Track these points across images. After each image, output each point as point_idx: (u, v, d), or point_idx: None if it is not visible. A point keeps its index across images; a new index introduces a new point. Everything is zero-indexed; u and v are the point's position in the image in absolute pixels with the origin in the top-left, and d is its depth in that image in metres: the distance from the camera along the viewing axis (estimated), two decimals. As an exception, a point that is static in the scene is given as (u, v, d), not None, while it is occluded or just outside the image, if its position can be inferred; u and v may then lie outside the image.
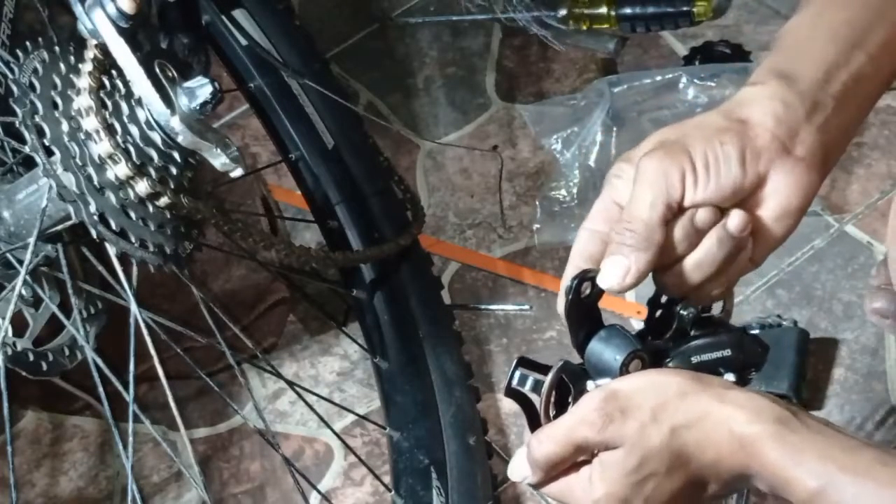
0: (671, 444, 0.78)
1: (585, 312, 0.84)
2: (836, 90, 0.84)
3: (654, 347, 0.83)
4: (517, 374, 0.84)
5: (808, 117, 0.83)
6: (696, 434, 0.78)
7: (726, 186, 0.82)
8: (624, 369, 0.81)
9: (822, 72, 0.84)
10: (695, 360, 0.84)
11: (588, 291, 0.83)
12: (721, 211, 0.82)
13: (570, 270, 0.84)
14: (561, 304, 0.83)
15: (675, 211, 0.81)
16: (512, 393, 0.84)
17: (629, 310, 1.49)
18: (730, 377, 0.83)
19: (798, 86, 0.84)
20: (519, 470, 0.83)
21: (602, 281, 0.82)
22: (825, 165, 0.84)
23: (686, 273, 0.83)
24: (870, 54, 0.85)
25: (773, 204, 0.83)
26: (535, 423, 0.83)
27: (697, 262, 0.83)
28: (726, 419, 0.78)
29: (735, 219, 0.82)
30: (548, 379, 0.82)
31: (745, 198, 0.83)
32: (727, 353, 0.84)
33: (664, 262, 0.83)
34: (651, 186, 0.80)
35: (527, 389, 0.84)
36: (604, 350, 0.82)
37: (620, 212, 0.83)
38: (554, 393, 0.83)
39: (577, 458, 0.81)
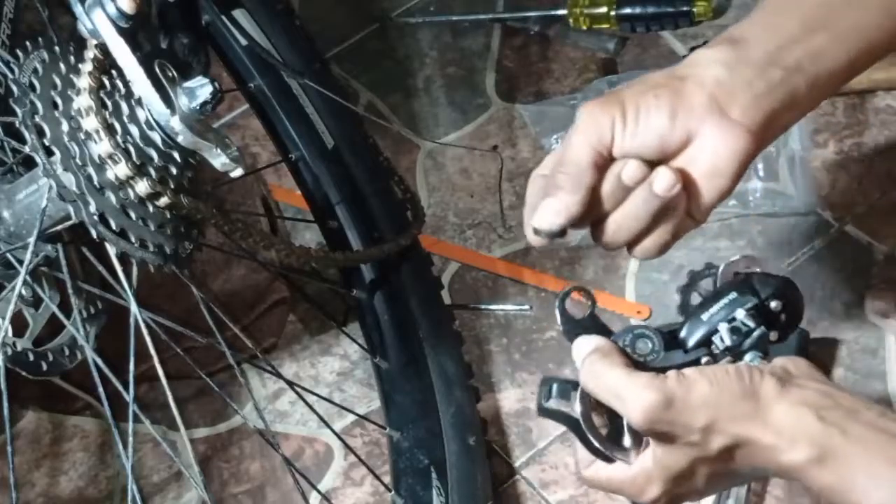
0: (720, 455, 0.81)
1: (587, 328, 0.85)
2: (788, 63, 0.85)
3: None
4: (543, 389, 0.85)
5: (750, 83, 0.84)
6: (742, 454, 0.81)
7: (653, 136, 0.83)
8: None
9: (773, 44, 0.85)
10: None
11: (587, 304, 0.84)
12: (651, 167, 0.84)
13: (527, 212, 0.86)
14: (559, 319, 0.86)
15: (605, 157, 0.84)
16: (544, 412, 0.85)
17: (629, 309, 1.49)
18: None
19: (747, 52, 0.85)
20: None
21: (536, 221, 0.84)
22: (765, 132, 0.85)
23: (612, 227, 0.86)
24: (836, 34, 0.86)
25: (704, 162, 0.84)
26: (580, 433, 0.85)
27: (622, 217, 0.85)
28: (768, 449, 0.80)
29: (661, 179, 0.83)
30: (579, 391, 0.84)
31: (676, 154, 0.85)
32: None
33: (597, 216, 0.86)
34: (583, 132, 0.83)
35: (555, 397, 0.84)
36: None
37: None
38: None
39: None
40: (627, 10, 1.75)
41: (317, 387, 1.49)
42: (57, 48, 1.02)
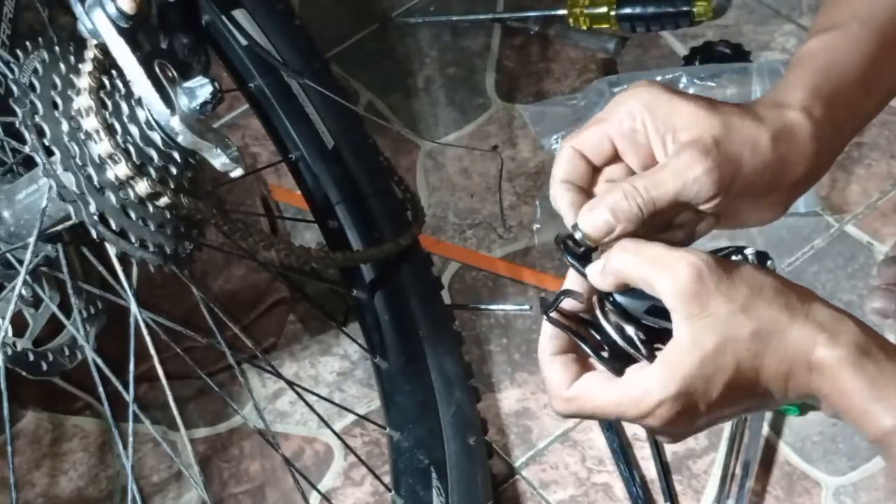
0: (752, 342, 0.76)
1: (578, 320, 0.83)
2: (848, 135, 0.86)
3: None
4: (544, 300, 0.82)
5: (826, 161, 0.85)
6: (775, 343, 0.76)
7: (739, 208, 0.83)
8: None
9: (854, 122, 0.86)
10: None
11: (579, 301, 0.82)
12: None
13: (557, 191, 0.82)
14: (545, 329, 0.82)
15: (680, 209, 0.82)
16: (551, 320, 0.81)
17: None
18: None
19: (833, 136, 0.84)
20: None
21: (583, 221, 0.80)
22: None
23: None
24: (877, 96, 0.87)
25: (762, 217, 0.86)
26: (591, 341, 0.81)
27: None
28: (806, 339, 0.76)
29: (708, 224, 0.85)
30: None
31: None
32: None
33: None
34: (685, 186, 0.79)
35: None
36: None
37: (610, 150, 0.82)
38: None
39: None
40: (627, 10, 1.75)
41: (317, 387, 1.49)
42: (57, 48, 1.02)
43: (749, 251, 0.81)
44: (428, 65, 1.81)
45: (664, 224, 0.83)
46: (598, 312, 0.81)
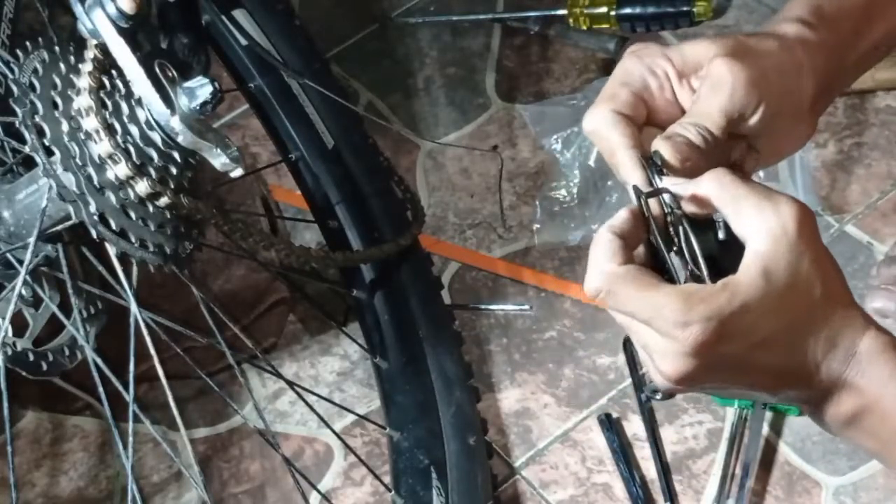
0: (817, 304, 0.76)
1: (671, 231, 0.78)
2: (854, 59, 0.87)
3: None
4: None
5: (826, 93, 0.86)
6: (836, 313, 0.76)
7: (771, 130, 0.83)
8: None
9: (857, 53, 0.87)
10: None
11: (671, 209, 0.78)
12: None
13: (627, 153, 0.82)
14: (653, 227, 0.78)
15: (735, 128, 0.81)
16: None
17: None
18: None
19: (833, 62, 0.85)
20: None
21: (664, 148, 0.79)
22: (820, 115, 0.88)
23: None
24: (886, 30, 0.88)
25: (793, 142, 0.87)
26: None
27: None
28: (856, 323, 0.77)
29: (738, 152, 0.84)
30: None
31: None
32: None
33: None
34: (731, 98, 0.80)
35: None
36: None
37: (644, 107, 0.83)
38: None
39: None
40: (627, 10, 1.75)
41: (317, 387, 1.49)
42: (57, 48, 1.02)
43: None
44: (428, 65, 1.81)
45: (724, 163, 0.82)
46: (670, 231, 0.77)
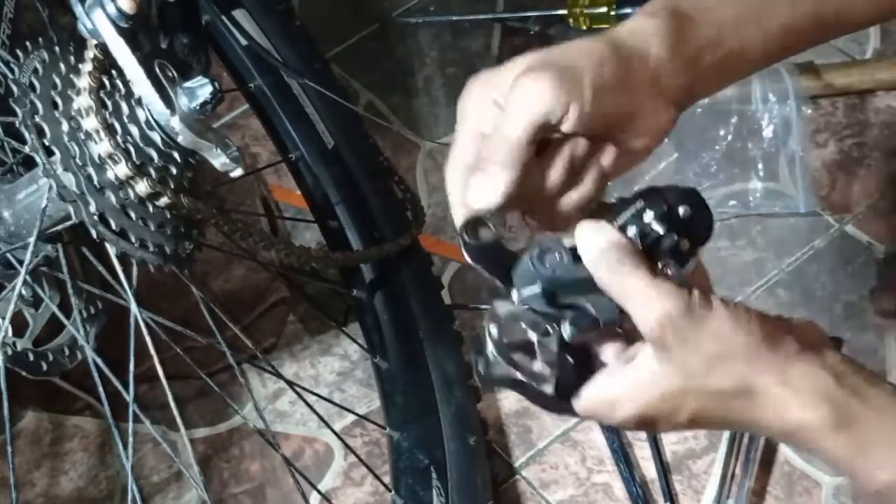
0: (715, 398, 0.76)
1: (495, 254, 0.80)
2: (718, 55, 0.85)
3: None
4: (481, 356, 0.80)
5: (685, 68, 0.84)
6: (741, 402, 0.75)
7: (606, 117, 0.81)
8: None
9: (714, 31, 0.85)
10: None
11: (489, 234, 0.80)
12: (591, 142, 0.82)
13: (455, 207, 0.83)
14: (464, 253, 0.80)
15: (546, 135, 0.80)
16: (490, 377, 0.80)
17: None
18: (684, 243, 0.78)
19: (691, 34, 0.84)
20: None
21: (470, 198, 0.80)
22: (685, 105, 0.86)
23: (562, 210, 0.83)
24: (763, 29, 0.86)
25: (638, 132, 0.84)
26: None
27: (578, 200, 0.82)
28: (782, 402, 0.75)
29: (608, 155, 0.83)
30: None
31: (617, 128, 0.83)
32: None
33: (537, 197, 0.82)
34: (529, 108, 0.78)
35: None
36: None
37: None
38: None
39: None
40: (627, 10, 1.75)
41: (317, 387, 1.49)
42: (57, 48, 1.02)
43: (638, 204, 0.79)
44: (428, 65, 1.81)
45: (569, 172, 0.82)
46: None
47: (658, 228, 0.78)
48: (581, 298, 0.78)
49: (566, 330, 0.78)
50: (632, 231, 0.78)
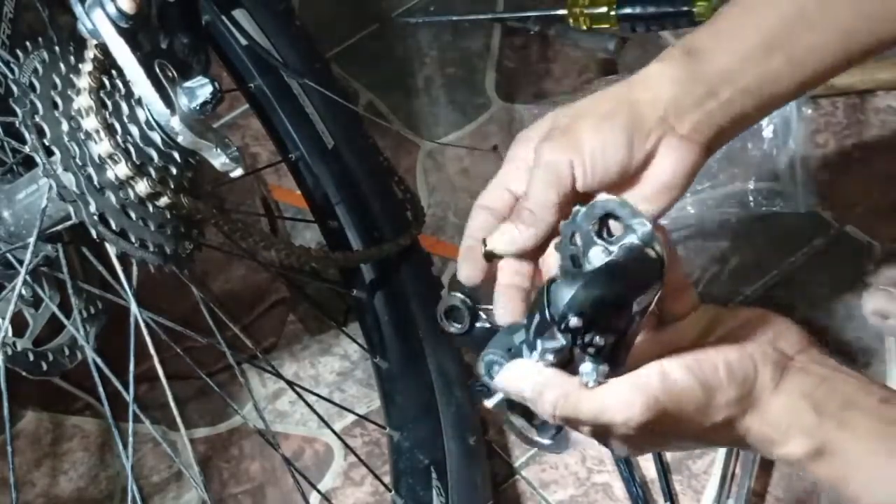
0: (710, 431, 0.79)
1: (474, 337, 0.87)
2: (741, 84, 0.86)
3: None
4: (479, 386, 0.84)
5: (701, 101, 0.86)
6: (735, 436, 0.79)
7: (614, 169, 0.85)
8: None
9: (729, 62, 0.86)
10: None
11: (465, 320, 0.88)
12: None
13: (468, 242, 0.91)
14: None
15: (569, 196, 0.86)
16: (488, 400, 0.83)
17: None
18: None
19: (702, 66, 0.86)
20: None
21: (491, 242, 0.88)
22: (714, 143, 0.87)
23: None
24: (791, 57, 0.87)
25: (659, 177, 0.87)
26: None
27: None
28: (767, 440, 0.79)
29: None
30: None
31: (635, 176, 0.87)
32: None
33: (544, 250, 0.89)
34: (544, 177, 0.85)
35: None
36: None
37: (510, 196, 0.90)
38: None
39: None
40: (627, 10, 1.75)
41: (317, 387, 1.49)
42: (57, 48, 1.02)
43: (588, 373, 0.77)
44: (428, 65, 1.81)
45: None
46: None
47: (552, 345, 0.77)
48: None
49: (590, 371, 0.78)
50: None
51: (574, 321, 0.73)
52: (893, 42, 0.89)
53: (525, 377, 0.78)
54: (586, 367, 0.76)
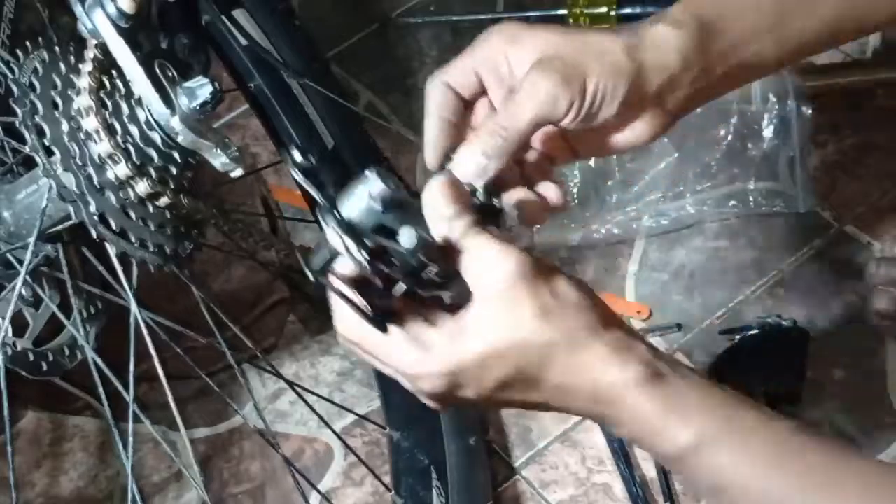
0: (542, 351, 0.76)
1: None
2: (732, 63, 0.86)
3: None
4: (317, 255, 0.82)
5: (694, 80, 0.85)
6: (565, 358, 0.76)
7: (598, 123, 0.84)
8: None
9: (729, 41, 0.86)
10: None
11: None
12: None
13: (430, 123, 0.87)
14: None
15: (545, 125, 0.84)
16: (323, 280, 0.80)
17: (629, 310, 1.49)
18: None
19: (709, 44, 0.85)
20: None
21: (456, 169, 0.83)
22: (682, 115, 0.88)
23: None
24: (778, 39, 0.87)
25: (625, 140, 0.87)
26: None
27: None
28: (598, 361, 0.76)
29: (587, 145, 0.88)
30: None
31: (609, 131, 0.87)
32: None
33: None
34: (539, 105, 0.82)
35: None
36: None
37: (477, 82, 0.87)
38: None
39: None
40: (627, 10, 1.75)
41: (317, 387, 1.49)
42: (57, 48, 1.02)
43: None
44: (428, 65, 1.80)
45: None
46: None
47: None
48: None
49: (409, 235, 0.78)
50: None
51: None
52: (886, 23, 0.90)
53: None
54: None
